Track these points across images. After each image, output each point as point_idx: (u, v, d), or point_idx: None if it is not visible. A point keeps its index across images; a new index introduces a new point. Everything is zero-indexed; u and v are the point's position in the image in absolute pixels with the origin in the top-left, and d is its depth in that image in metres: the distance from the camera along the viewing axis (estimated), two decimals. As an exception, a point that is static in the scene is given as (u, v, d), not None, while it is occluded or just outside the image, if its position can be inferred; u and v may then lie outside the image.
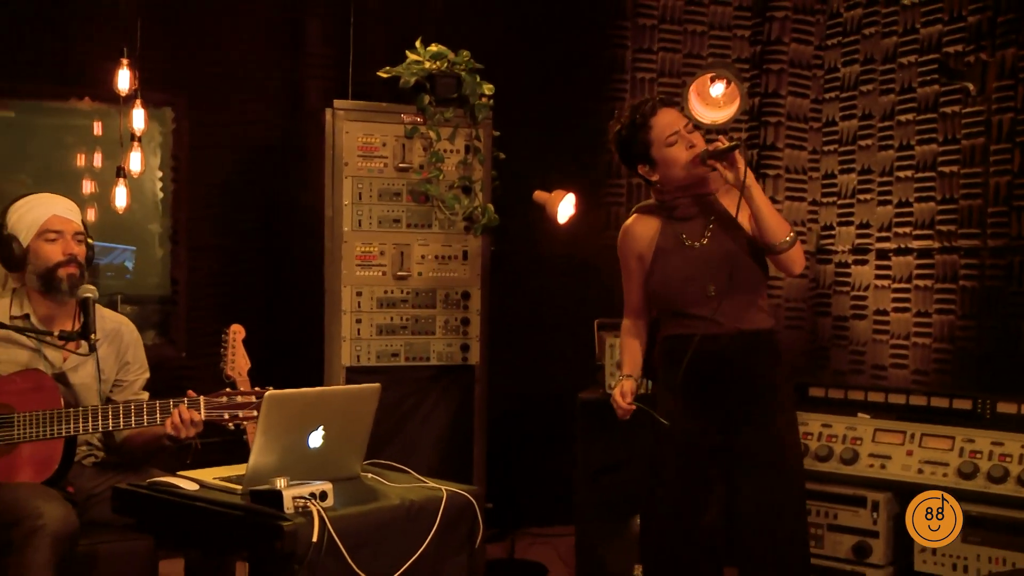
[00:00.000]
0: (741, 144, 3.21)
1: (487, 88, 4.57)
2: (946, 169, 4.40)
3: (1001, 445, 3.72)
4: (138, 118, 4.36)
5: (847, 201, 4.86)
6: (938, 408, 3.99)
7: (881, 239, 4.67)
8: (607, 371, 4.29)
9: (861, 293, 4.78)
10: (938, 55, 4.43)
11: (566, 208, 4.44)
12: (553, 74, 5.39)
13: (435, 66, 4.51)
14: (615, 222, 5.21)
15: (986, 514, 3.64)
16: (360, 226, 4.47)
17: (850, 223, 4.84)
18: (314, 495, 2.63)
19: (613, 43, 5.31)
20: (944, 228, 4.41)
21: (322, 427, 2.83)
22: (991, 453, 3.72)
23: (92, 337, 3.16)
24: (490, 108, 4.59)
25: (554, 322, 5.31)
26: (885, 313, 4.64)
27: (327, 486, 2.67)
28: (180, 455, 3.38)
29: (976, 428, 3.82)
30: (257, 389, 3.22)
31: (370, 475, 3.04)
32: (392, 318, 4.53)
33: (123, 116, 4.40)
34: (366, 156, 4.47)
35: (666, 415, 3.30)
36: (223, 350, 3.48)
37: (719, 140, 3.25)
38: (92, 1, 4.76)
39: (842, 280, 4.87)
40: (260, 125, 5.14)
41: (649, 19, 5.26)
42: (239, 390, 3.26)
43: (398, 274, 4.52)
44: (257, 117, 5.13)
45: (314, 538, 2.54)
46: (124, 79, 4.27)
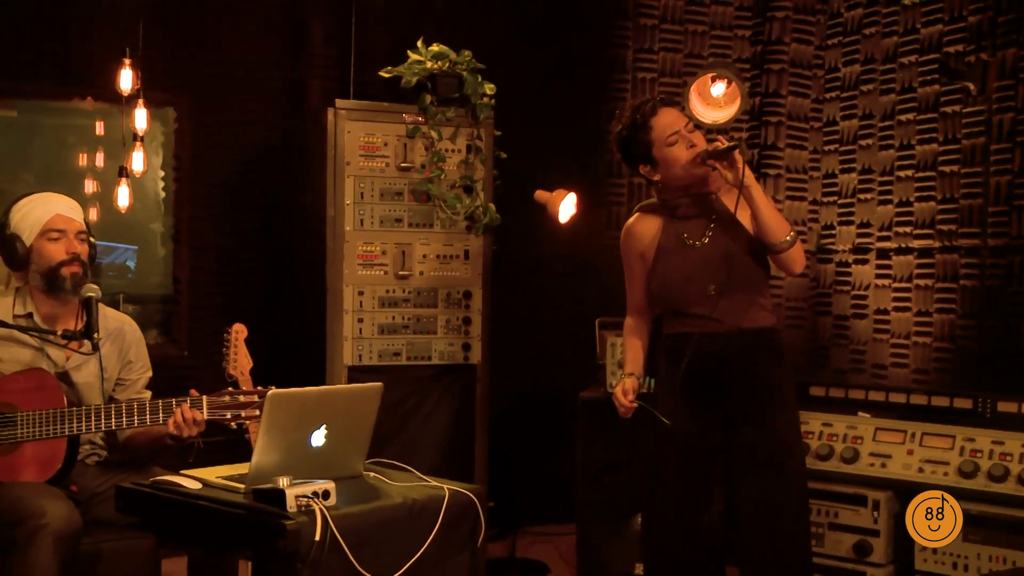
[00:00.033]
0: (740, 144, 3.21)
1: (488, 88, 4.57)
2: (946, 169, 4.40)
3: (1001, 444, 3.73)
4: (140, 118, 4.37)
5: (848, 200, 4.87)
6: (939, 407, 4.00)
7: (882, 238, 4.68)
8: (608, 370, 4.30)
9: (862, 292, 4.78)
10: (939, 55, 4.44)
11: (567, 208, 4.45)
12: (554, 74, 5.39)
13: (437, 66, 4.51)
14: (616, 222, 5.22)
15: (986, 513, 3.64)
16: (362, 225, 4.47)
17: (851, 222, 4.85)
18: (317, 494, 2.62)
19: (614, 43, 5.31)
20: (944, 228, 4.41)
21: (325, 426, 2.83)
22: (991, 452, 3.73)
23: (95, 336, 3.16)
24: (491, 108, 4.59)
25: (555, 321, 5.31)
26: (886, 312, 4.65)
27: (330, 485, 2.67)
28: (182, 454, 3.38)
29: (976, 427, 3.83)
30: (259, 388, 3.21)
31: (372, 474, 3.03)
32: (394, 317, 4.53)
33: (125, 116, 4.41)
34: (368, 156, 4.47)
35: (667, 414, 3.30)
36: (225, 349, 3.48)
37: (718, 140, 3.26)
38: (94, 1, 4.76)
39: (843, 279, 4.88)
40: (262, 125, 5.14)
41: (650, 19, 5.27)
42: (241, 389, 3.25)
43: (400, 273, 4.53)
44: (259, 117, 5.13)
45: (317, 537, 2.54)
46: (126, 79, 4.29)
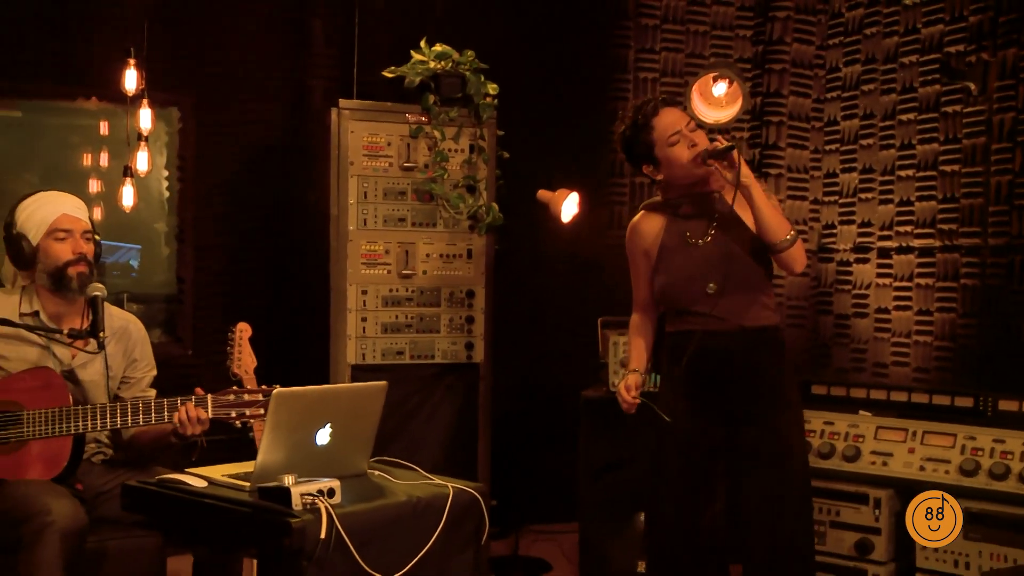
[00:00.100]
0: (738, 144, 3.22)
1: (491, 88, 4.59)
2: (947, 168, 4.41)
3: (1002, 442, 3.73)
4: (145, 118, 4.37)
5: (848, 200, 4.88)
6: (940, 406, 4.00)
7: (882, 238, 4.69)
8: (611, 369, 4.30)
9: (862, 291, 4.80)
10: (939, 55, 4.45)
11: (569, 207, 4.47)
12: (556, 74, 5.40)
13: (440, 66, 4.53)
14: (618, 221, 5.24)
15: (987, 511, 3.65)
16: (365, 225, 4.49)
17: (851, 222, 4.86)
18: (322, 492, 2.63)
19: (616, 43, 5.33)
20: (945, 227, 4.42)
21: (329, 424, 2.83)
22: (992, 450, 3.73)
23: (101, 335, 3.18)
24: (494, 108, 4.61)
25: (558, 320, 5.32)
26: (886, 311, 4.66)
27: (335, 483, 2.67)
28: (186, 452, 3.39)
29: (978, 425, 3.83)
30: (264, 387, 3.21)
31: (377, 472, 3.04)
32: (397, 316, 4.54)
33: (129, 116, 4.42)
34: (371, 155, 4.49)
35: (669, 412, 3.31)
36: (229, 348, 3.50)
37: (717, 139, 3.27)
38: (99, 2, 4.77)
39: (843, 279, 4.89)
40: (265, 125, 5.14)
41: (651, 19, 5.28)
42: (246, 388, 3.26)
43: (403, 272, 4.54)
44: (262, 117, 5.14)
45: (322, 535, 2.54)
46: (131, 79, 4.29)
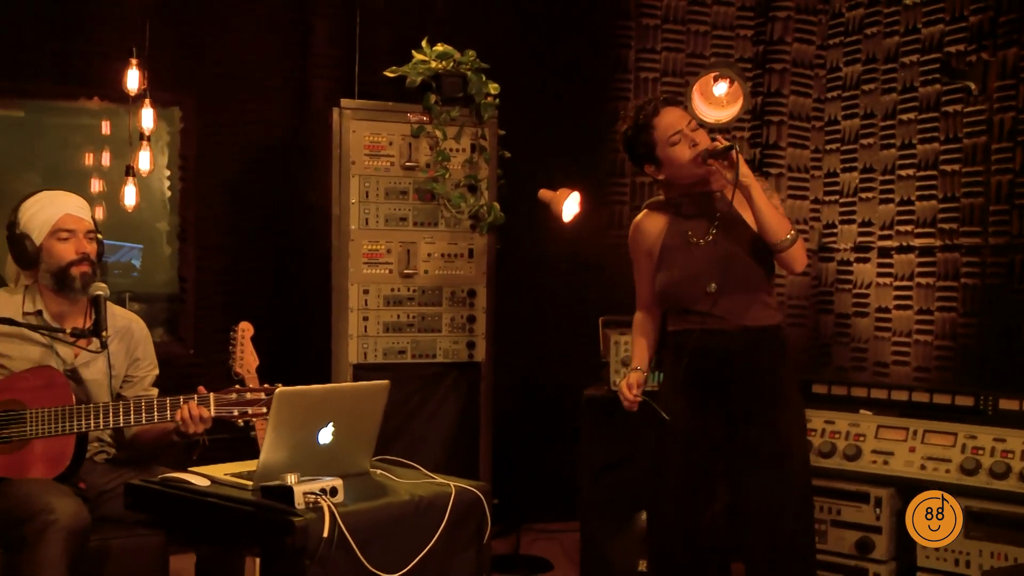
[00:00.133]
0: (736, 144, 3.22)
1: (493, 87, 4.59)
2: (947, 168, 4.42)
3: (1003, 441, 3.74)
4: (147, 118, 4.37)
5: (849, 199, 4.89)
6: (940, 405, 4.00)
7: (883, 237, 4.70)
8: (612, 368, 4.31)
9: (863, 291, 4.80)
10: (940, 55, 4.45)
11: (571, 206, 4.48)
12: (557, 74, 5.41)
13: (441, 66, 4.54)
14: (619, 220, 5.25)
15: (988, 510, 3.66)
16: (367, 224, 4.50)
17: (852, 221, 4.87)
18: (324, 491, 2.64)
19: (617, 43, 5.33)
20: (946, 226, 4.43)
21: (332, 423, 2.84)
22: (993, 449, 3.73)
23: (103, 334, 3.18)
24: (495, 107, 4.61)
25: (559, 319, 5.33)
26: (887, 311, 4.67)
27: (337, 482, 2.69)
28: (187, 451, 3.40)
29: (978, 425, 3.83)
30: (267, 386, 3.23)
31: (379, 471, 3.05)
32: (399, 316, 4.55)
33: (131, 115, 4.42)
34: (373, 155, 4.49)
35: (670, 411, 3.32)
36: (231, 347, 3.50)
37: (717, 139, 3.28)
38: (101, 2, 4.77)
39: (844, 278, 4.90)
40: (267, 124, 5.14)
41: (652, 19, 5.28)
42: (248, 387, 3.28)
43: (404, 272, 4.55)
44: (264, 116, 5.14)
45: (325, 533, 2.56)
46: (133, 79, 4.29)
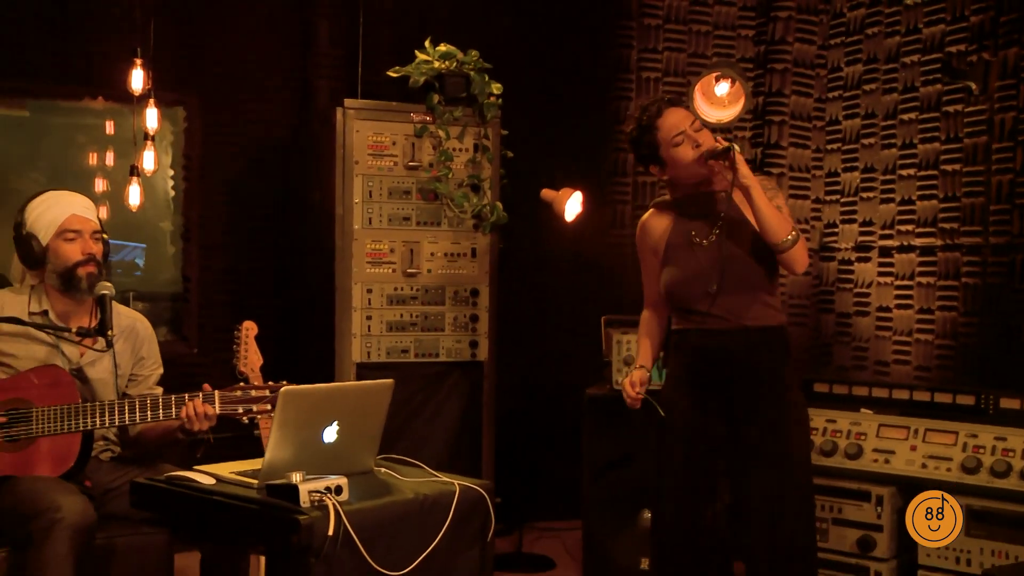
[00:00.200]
0: (735, 145, 3.23)
1: (495, 87, 4.60)
2: (948, 167, 4.43)
3: (1004, 440, 3.74)
4: (152, 117, 4.38)
5: (850, 199, 4.90)
6: (941, 403, 4.01)
7: (884, 237, 4.71)
8: (614, 367, 4.32)
9: (864, 290, 4.81)
10: (941, 55, 4.46)
11: (573, 206, 4.49)
12: (560, 73, 5.42)
13: (444, 66, 4.54)
14: (621, 220, 5.26)
15: (989, 508, 3.66)
16: (370, 224, 4.51)
17: (853, 221, 4.88)
18: (329, 489, 2.65)
19: (619, 43, 5.34)
20: (946, 226, 4.44)
21: (337, 422, 2.86)
22: (994, 448, 3.74)
23: (109, 333, 3.19)
24: (498, 107, 4.62)
25: (561, 318, 5.34)
26: (888, 310, 4.68)
27: (342, 480, 2.70)
28: (192, 449, 3.41)
29: (979, 423, 3.84)
30: (271, 383, 3.24)
31: (384, 469, 3.07)
32: (402, 315, 4.56)
33: (136, 115, 4.43)
34: (376, 155, 4.50)
35: (672, 409, 3.34)
36: (236, 346, 3.50)
37: (717, 139, 3.29)
38: (104, 2, 4.79)
39: (845, 277, 4.91)
40: (271, 124, 5.16)
41: (654, 19, 5.30)
42: (253, 384, 3.29)
43: (408, 271, 4.56)
44: (268, 116, 5.15)
45: (330, 532, 2.57)
46: (138, 79, 4.29)
